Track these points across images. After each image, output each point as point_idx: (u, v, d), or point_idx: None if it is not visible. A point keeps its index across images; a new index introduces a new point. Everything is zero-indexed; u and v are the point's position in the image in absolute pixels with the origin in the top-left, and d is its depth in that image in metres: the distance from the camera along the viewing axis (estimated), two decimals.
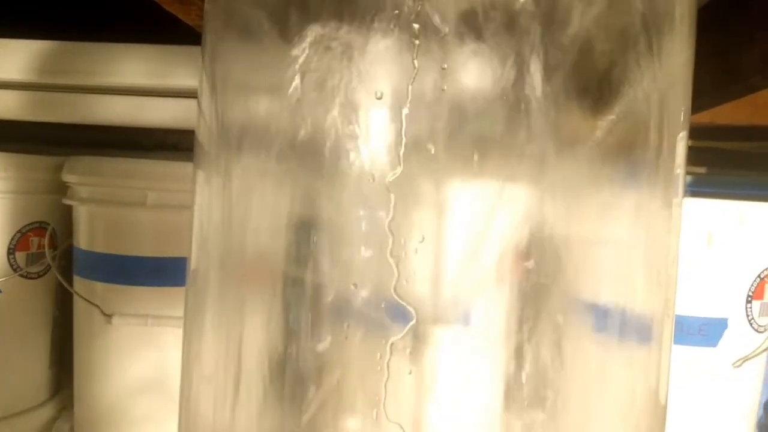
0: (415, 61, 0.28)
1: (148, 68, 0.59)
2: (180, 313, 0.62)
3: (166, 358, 0.57)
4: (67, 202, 0.60)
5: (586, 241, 0.30)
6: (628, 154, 0.29)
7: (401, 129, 0.27)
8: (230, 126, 0.33)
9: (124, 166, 0.57)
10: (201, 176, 0.34)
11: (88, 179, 0.58)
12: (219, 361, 0.31)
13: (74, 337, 0.62)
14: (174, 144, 0.69)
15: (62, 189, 0.61)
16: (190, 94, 0.61)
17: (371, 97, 0.28)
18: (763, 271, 0.57)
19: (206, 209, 0.33)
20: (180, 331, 0.60)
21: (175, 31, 0.58)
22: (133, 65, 0.59)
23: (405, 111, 0.28)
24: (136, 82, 0.59)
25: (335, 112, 0.31)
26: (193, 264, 0.33)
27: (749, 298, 0.57)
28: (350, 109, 0.31)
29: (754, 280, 0.57)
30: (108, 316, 0.58)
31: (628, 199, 0.30)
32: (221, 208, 0.32)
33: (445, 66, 0.27)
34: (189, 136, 0.34)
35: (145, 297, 0.57)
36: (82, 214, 0.60)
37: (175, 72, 0.59)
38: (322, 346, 0.27)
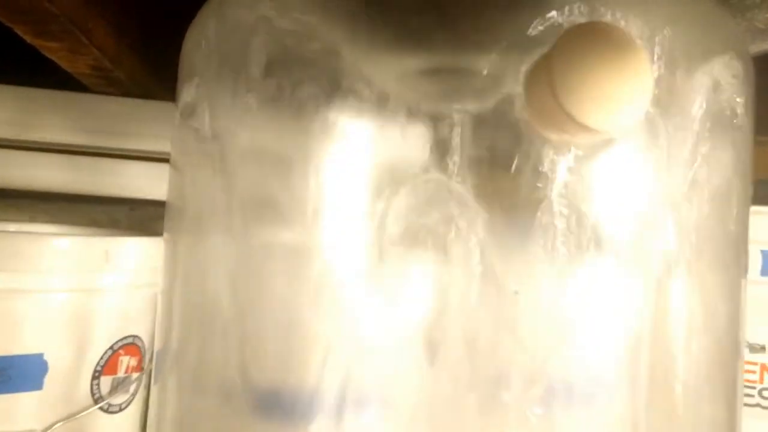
0: None
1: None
2: (28, 426, 0.50)
3: None
4: None
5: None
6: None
7: None
8: (251, 197, 0.29)
9: None
10: (182, 245, 0.30)
11: None
12: None
13: None
14: None
15: None
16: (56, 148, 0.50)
17: None
18: None
19: (195, 282, 0.30)
20: None
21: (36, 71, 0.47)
22: None
23: None
24: None
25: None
26: (175, 342, 0.31)
27: None
28: None
29: None
30: None
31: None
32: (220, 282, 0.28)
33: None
34: None
35: None
36: None
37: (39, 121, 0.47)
38: None
